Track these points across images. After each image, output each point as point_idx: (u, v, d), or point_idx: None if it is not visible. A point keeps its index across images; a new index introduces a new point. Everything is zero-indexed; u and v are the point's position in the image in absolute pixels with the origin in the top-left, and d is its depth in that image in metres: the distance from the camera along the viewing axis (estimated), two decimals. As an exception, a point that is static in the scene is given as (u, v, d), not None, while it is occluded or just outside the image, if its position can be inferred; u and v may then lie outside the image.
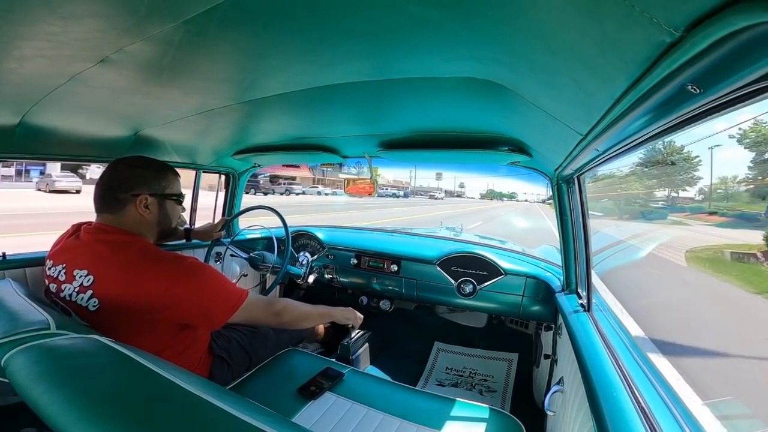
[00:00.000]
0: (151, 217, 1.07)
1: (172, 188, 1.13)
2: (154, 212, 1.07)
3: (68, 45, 0.63)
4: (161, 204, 1.09)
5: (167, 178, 1.12)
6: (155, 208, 1.07)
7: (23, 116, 1.05)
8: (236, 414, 0.52)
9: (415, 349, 2.18)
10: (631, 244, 9.76)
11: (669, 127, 0.53)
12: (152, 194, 1.06)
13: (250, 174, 2.20)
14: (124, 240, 1.00)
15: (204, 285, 1.00)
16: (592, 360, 0.87)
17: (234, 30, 0.58)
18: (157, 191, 1.08)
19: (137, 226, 1.05)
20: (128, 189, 1.03)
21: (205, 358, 1.21)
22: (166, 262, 0.98)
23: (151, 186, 1.07)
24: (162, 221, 1.11)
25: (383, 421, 1.10)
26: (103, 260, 0.95)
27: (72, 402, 0.49)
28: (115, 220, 1.03)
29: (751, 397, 2.10)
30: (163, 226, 1.13)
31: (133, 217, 1.04)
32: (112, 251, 0.96)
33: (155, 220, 1.09)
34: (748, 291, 4.80)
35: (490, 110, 0.97)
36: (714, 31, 0.31)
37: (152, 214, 1.07)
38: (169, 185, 1.12)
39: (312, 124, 1.28)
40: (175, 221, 1.18)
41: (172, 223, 1.16)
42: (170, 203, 1.13)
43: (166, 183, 1.11)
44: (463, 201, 46.84)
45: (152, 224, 1.09)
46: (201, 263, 1.03)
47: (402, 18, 0.52)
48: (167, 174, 1.12)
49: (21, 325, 0.68)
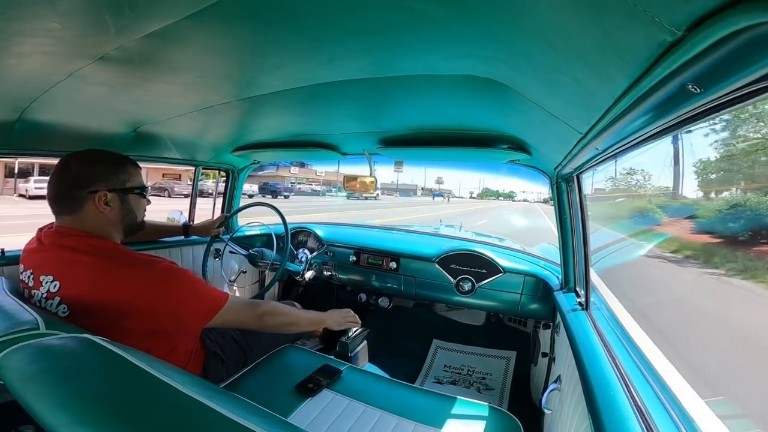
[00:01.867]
0: (113, 214, 1.00)
1: (133, 181, 1.05)
2: (115, 209, 1.00)
3: (68, 41, 0.62)
4: (123, 199, 1.02)
5: (126, 170, 1.03)
6: (116, 204, 1.00)
7: (22, 112, 1.05)
8: (229, 415, 0.52)
9: (414, 347, 2.18)
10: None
11: (669, 126, 0.53)
12: (111, 189, 0.98)
13: (249, 171, 2.19)
14: (88, 243, 0.94)
15: (178, 290, 0.96)
16: (589, 358, 0.87)
17: (234, 27, 0.58)
18: (117, 186, 1.00)
19: (99, 226, 0.98)
20: (84, 186, 0.95)
21: (197, 354, 1.20)
22: (137, 266, 0.93)
23: (109, 181, 0.99)
24: (126, 217, 1.04)
25: (381, 418, 1.10)
26: (67, 265, 0.91)
27: (64, 402, 0.49)
28: (74, 221, 0.97)
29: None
30: (128, 222, 1.06)
31: (94, 216, 0.97)
32: (76, 255, 0.91)
33: (118, 216, 1.02)
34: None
35: (490, 108, 0.97)
36: (715, 30, 0.31)
37: (114, 211, 1.00)
38: (129, 178, 1.03)
39: (311, 121, 1.28)
40: (141, 215, 1.11)
41: (137, 218, 1.09)
42: (133, 197, 1.05)
43: (125, 176, 1.03)
44: (442, 201, 40.42)
45: (115, 222, 1.02)
46: (176, 267, 0.98)
47: (403, 15, 0.52)
48: (126, 166, 1.04)
49: (10, 326, 0.67)
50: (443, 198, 41.52)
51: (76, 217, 0.97)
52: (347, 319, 1.46)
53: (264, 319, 1.14)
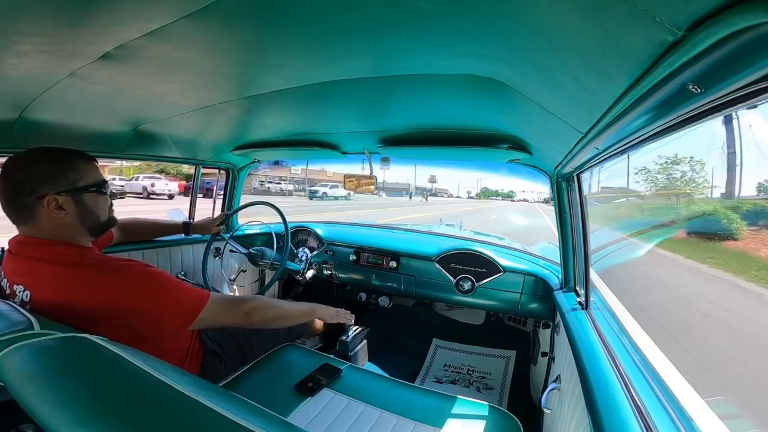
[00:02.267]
0: (70, 218, 0.92)
1: (86, 178, 0.95)
2: (71, 211, 0.92)
3: (68, 40, 0.62)
4: (77, 200, 0.93)
5: (75, 168, 0.94)
6: (71, 207, 0.92)
7: (22, 111, 1.05)
8: (228, 415, 0.52)
9: (414, 346, 2.19)
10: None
11: (669, 126, 0.53)
12: (60, 192, 0.90)
13: (250, 170, 2.19)
14: (52, 251, 0.90)
15: (151, 294, 0.91)
16: (589, 358, 0.87)
17: (234, 25, 0.58)
18: (66, 187, 0.91)
19: (59, 231, 0.92)
20: (29, 192, 0.88)
21: (195, 352, 1.19)
22: (104, 271, 0.88)
23: (57, 183, 0.90)
24: (86, 219, 0.96)
25: (381, 417, 1.10)
26: (35, 275, 0.88)
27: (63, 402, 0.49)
28: (32, 229, 0.91)
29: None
30: (91, 223, 0.98)
31: (50, 222, 0.90)
32: (41, 265, 0.88)
33: (76, 219, 0.94)
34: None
35: (491, 107, 0.97)
36: (716, 30, 0.31)
37: (70, 214, 0.92)
38: (80, 176, 0.94)
39: (312, 120, 1.28)
40: (105, 214, 1.02)
41: (100, 218, 1.00)
42: (89, 196, 0.96)
43: (75, 175, 0.93)
44: (438, 201, 37.41)
45: (74, 225, 0.94)
46: (149, 270, 0.93)
47: (404, 14, 0.51)
48: (74, 164, 0.94)
49: (5, 326, 0.67)
50: (421, 198, 39.28)
51: (33, 225, 0.91)
52: (340, 314, 1.45)
53: (251, 315, 1.09)
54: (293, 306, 1.27)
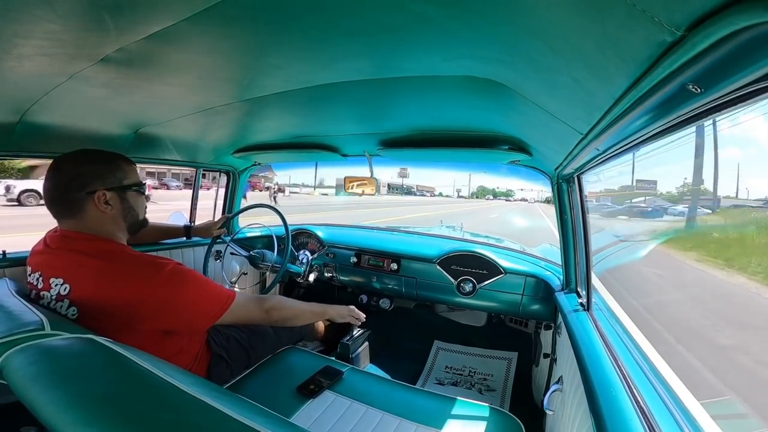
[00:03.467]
0: (114, 213, 0.99)
1: (130, 178, 1.03)
2: (116, 207, 0.99)
3: (68, 43, 0.62)
4: (122, 197, 1.01)
5: (121, 168, 1.02)
6: (117, 203, 0.99)
7: (23, 114, 1.05)
8: (233, 415, 0.52)
9: (415, 348, 2.18)
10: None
11: (669, 126, 0.53)
12: (109, 188, 0.97)
13: (250, 172, 2.20)
14: (95, 246, 0.94)
15: (187, 291, 0.96)
16: (591, 359, 0.87)
17: (234, 28, 0.58)
18: (114, 184, 0.99)
19: (103, 226, 0.98)
20: (81, 187, 0.94)
21: (203, 356, 1.21)
22: (145, 267, 0.93)
23: (106, 180, 0.97)
24: (128, 215, 1.03)
25: (382, 419, 1.10)
26: (76, 268, 0.91)
27: (68, 403, 0.49)
28: (77, 224, 0.96)
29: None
30: (131, 220, 1.05)
31: (96, 217, 0.96)
32: (85, 259, 0.91)
33: (120, 215, 1.01)
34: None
35: (491, 109, 0.97)
36: (715, 30, 0.31)
37: (115, 210, 0.99)
38: (125, 176, 1.02)
39: (312, 122, 1.28)
40: (143, 213, 1.10)
41: (139, 215, 1.08)
42: (131, 194, 1.04)
43: (121, 174, 1.01)
44: (410, 202, 34.20)
45: (118, 220, 1.01)
46: (183, 268, 0.98)
47: (403, 16, 0.52)
48: (120, 164, 1.02)
49: (15, 326, 0.68)
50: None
51: (79, 220, 0.96)
52: (351, 313, 1.49)
53: (271, 313, 1.18)
54: (308, 306, 1.34)
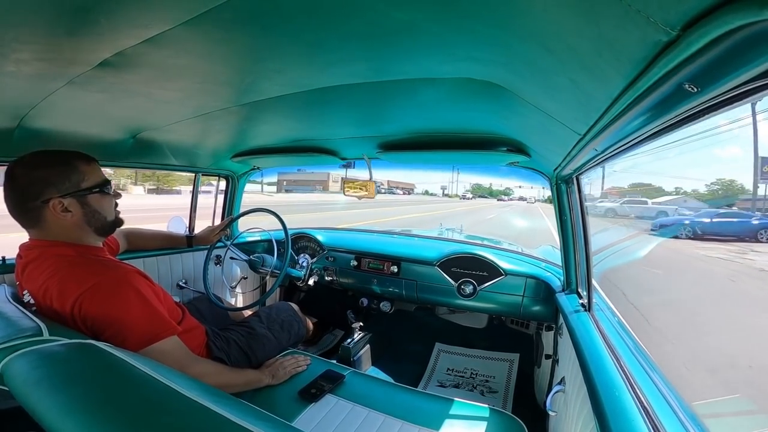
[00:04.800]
0: (76, 219, 0.94)
1: (89, 180, 0.96)
2: (77, 213, 0.94)
3: (66, 47, 0.63)
4: (82, 202, 0.95)
5: (77, 170, 0.94)
6: (77, 208, 0.94)
7: (21, 119, 1.05)
8: (235, 419, 0.51)
9: (416, 351, 2.18)
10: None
11: (667, 126, 0.53)
12: (64, 195, 0.91)
13: (249, 177, 2.20)
14: (55, 252, 0.92)
15: (121, 302, 0.90)
16: (593, 360, 0.87)
17: (231, 32, 0.58)
18: (70, 189, 0.92)
19: (68, 232, 0.94)
20: (35, 197, 0.89)
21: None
22: (92, 266, 0.91)
23: (60, 186, 0.91)
24: (92, 219, 0.98)
25: (385, 422, 1.09)
26: (36, 277, 0.90)
27: (69, 408, 0.49)
28: (41, 234, 0.93)
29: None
30: (97, 224, 0.99)
31: (57, 225, 0.92)
32: (44, 265, 0.90)
33: (82, 220, 0.96)
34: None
35: (489, 111, 0.97)
36: (710, 30, 0.31)
37: (76, 216, 0.94)
38: (82, 178, 0.95)
39: (310, 126, 1.28)
40: (111, 214, 1.03)
41: (107, 218, 1.02)
42: (94, 197, 0.97)
43: (77, 177, 0.94)
44: (383, 202, 28.78)
45: (82, 226, 0.96)
46: (132, 282, 0.94)
47: (401, 19, 0.52)
48: (76, 165, 0.94)
49: (14, 332, 0.68)
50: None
51: (42, 229, 0.93)
52: (286, 367, 1.31)
53: (200, 377, 0.93)
54: (240, 377, 1.19)
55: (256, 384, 1.22)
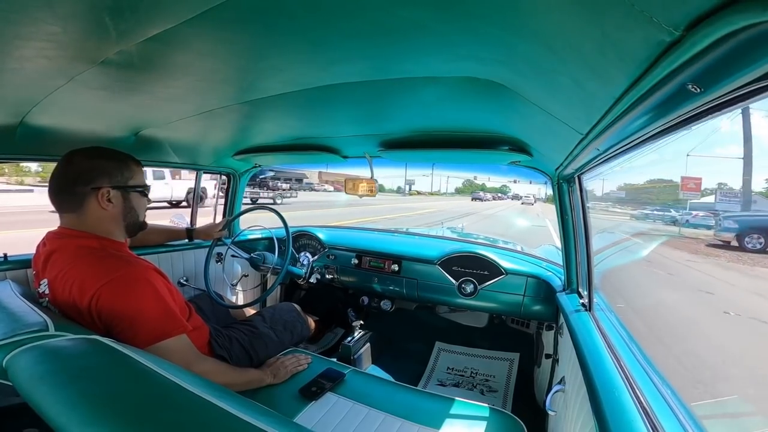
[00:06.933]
0: (115, 212, 1.00)
1: (136, 179, 1.05)
2: (118, 206, 1.00)
3: (69, 45, 0.63)
4: (125, 197, 1.02)
5: (130, 168, 1.04)
6: (119, 201, 1.00)
7: (24, 117, 1.05)
8: (238, 414, 0.52)
9: (417, 349, 2.18)
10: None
11: (670, 126, 0.53)
12: (114, 186, 0.99)
13: (250, 174, 2.20)
14: (80, 243, 0.95)
15: (137, 298, 0.92)
16: (593, 360, 0.87)
17: (234, 30, 0.59)
18: (120, 183, 1.00)
19: (101, 224, 0.99)
20: (87, 182, 0.95)
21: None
22: (111, 260, 0.92)
23: (113, 177, 0.99)
24: (127, 215, 1.04)
25: (384, 421, 1.10)
26: (56, 266, 0.92)
27: (74, 403, 0.49)
28: (76, 220, 0.97)
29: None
30: (130, 221, 1.06)
31: (96, 214, 0.97)
32: (66, 255, 0.92)
33: (120, 214, 1.02)
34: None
35: (491, 110, 0.97)
36: (714, 30, 0.31)
37: (116, 208, 1.00)
38: (132, 176, 1.04)
39: (312, 124, 1.28)
40: (143, 215, 1.11)
41: (139, 217, 1.09)
42: (135, 195, 1.05)
43: (129, 174, 1.03)
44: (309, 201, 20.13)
45: (117, 219, 1.02)
46: (150, 279, 0.95)
47: (403, 18, 0.52)
48: (129, 164, 1.04)
49: (19, 327, 0.68)
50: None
51: (78, 216, 0.97)
52: (287, 366, 1.32)
53: (204, 375, 0.99)
54: (243, 376, 1.20)
55: (258, 383, 1.24)
